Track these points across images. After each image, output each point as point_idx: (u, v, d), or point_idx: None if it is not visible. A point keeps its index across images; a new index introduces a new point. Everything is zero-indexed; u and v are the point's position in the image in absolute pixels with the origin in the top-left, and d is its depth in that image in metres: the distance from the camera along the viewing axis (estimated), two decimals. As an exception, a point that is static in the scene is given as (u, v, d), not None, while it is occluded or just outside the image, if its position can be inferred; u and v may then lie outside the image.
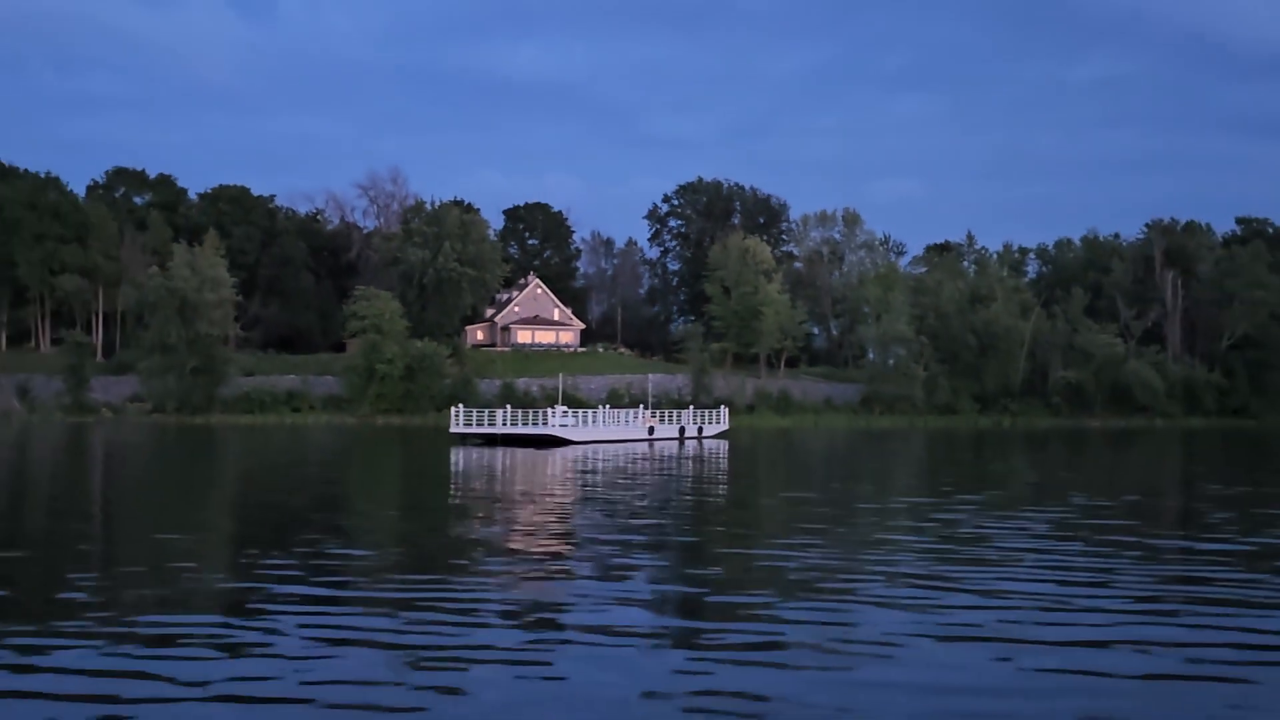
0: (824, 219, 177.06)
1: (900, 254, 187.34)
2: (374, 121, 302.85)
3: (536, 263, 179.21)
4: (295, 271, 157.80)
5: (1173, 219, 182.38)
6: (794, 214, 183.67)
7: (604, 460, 55.24)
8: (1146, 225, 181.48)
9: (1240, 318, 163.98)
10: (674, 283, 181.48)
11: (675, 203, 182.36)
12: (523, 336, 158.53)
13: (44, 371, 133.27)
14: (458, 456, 57.56)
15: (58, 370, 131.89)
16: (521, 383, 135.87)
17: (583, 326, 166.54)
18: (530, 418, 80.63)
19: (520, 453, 61.42)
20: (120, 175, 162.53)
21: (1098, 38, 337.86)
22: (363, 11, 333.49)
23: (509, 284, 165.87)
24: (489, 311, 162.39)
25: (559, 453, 61.87)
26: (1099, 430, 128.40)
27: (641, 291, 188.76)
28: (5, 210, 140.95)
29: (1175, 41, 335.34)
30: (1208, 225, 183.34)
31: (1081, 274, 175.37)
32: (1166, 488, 43.05)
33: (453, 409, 78.35)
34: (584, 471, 46.87)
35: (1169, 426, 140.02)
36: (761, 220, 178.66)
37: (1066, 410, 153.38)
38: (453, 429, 75.32)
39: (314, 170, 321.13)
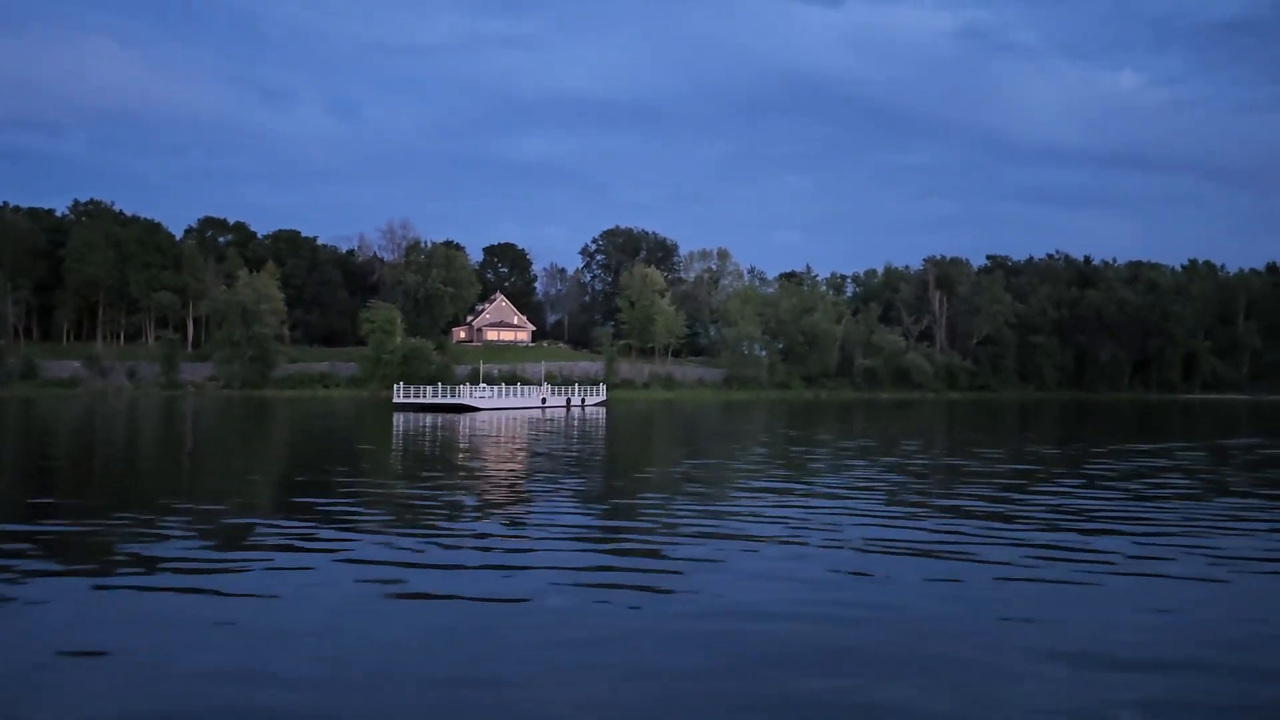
0: (704, 255, 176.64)
1: (763, 279, 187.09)
2: (426, 189, 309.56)
3: (506, 284, 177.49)
4: (332, 289, 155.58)
5: (943, 255, 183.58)
6: (683, 251, 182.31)
7: (501, 422, 54.47)
8: (924, 260, 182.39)
9: (984, 323, 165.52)
10: (599, 298, 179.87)
11: (600, 243, 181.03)
12: (490, 335, 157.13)
13: (147, 359, 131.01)
14: (398, 420, 56.77)
15: (157, 359, 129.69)
16: (485, 367, 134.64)
17: (534, 328, 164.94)
18: (454, 392, 77.61)
19: (442, 417, 60.59)
20: (209, 221, 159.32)
21: (922, 135, 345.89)
22: (419, 113, 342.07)
23: (483, 298, 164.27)
24: (469, 318, 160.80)
25: (469, 417, 60.95)
26: (887, 401, 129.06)
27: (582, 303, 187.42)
28: (124, 247, 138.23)
29: (974, 137, 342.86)
30: (967, 260, 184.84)
31: (880, 293, 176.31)
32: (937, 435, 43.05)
33: (395, 385, 76.53)
34: (479, 428, 46.27)
35: (936, 399, 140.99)
36: (659, 255, 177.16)
37: (865, 387, 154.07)
38: (395, 400, 73.73)
39: (381, 221, 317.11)
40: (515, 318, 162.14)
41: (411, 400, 74.72)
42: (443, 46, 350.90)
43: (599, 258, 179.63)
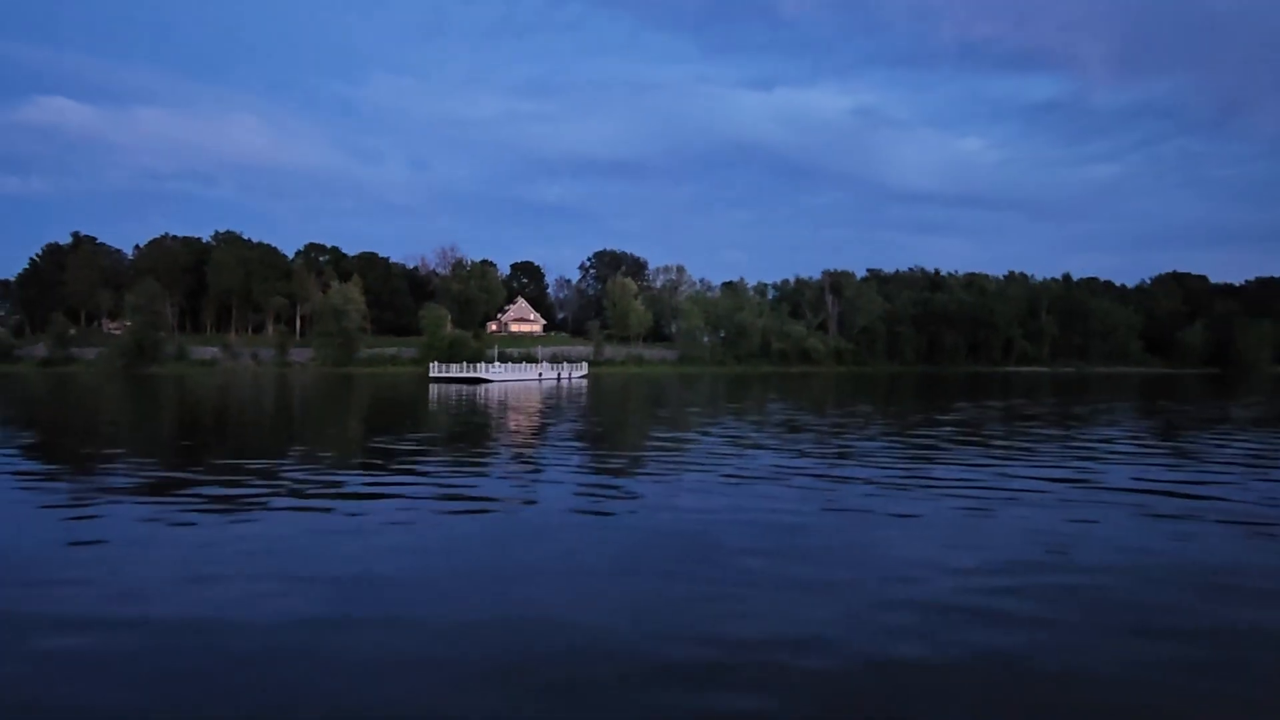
0: (667, 269, 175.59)
1: (709, 286, 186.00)
2: (476, 222, 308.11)
3: (527, 290, 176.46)
4: (401, 295, 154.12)
5: (837, 269, 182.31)
6: (651, 266, 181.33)
7: (507, 390, 54.12)
8: (823, 272, 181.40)
9: (864, 317, 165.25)
10: (592, 300, 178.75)
11: (593, 260, 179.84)
12: (514, 327, 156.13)
13: (267, 346, 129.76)
14: (433, 390, 56.41)
15: (273, 345, 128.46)
16: (511, 350, 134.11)
17: (545, 322, 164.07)
18: (473, 368, 75.73)
19: (465, 387, 60.24)
20: (313, 246, 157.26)
21: (827, 183, 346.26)
22: (473, 168, 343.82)
23: (509, 300, 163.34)
24: (499, 315, 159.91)
25: (483, 387, 60.35)
26: (795, 374, 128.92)
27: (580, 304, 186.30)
28: (249, 264, 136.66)
29: (863, 184, 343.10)
30: (852, 272, 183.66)
31: (791, 296, 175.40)
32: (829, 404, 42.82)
33: (430, 364, 74.64)
34: (491, 394, 45.97)
35: (829, 372, 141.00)
36: (634, 269, 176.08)
37: (779, 363, 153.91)
38: (430, 375, 72.65)
39: (439, 245, 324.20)
40: (531, 315, 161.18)
41: (442, 375, 73.39)
42: (490, 119, 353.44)
43: (592, 271, 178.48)
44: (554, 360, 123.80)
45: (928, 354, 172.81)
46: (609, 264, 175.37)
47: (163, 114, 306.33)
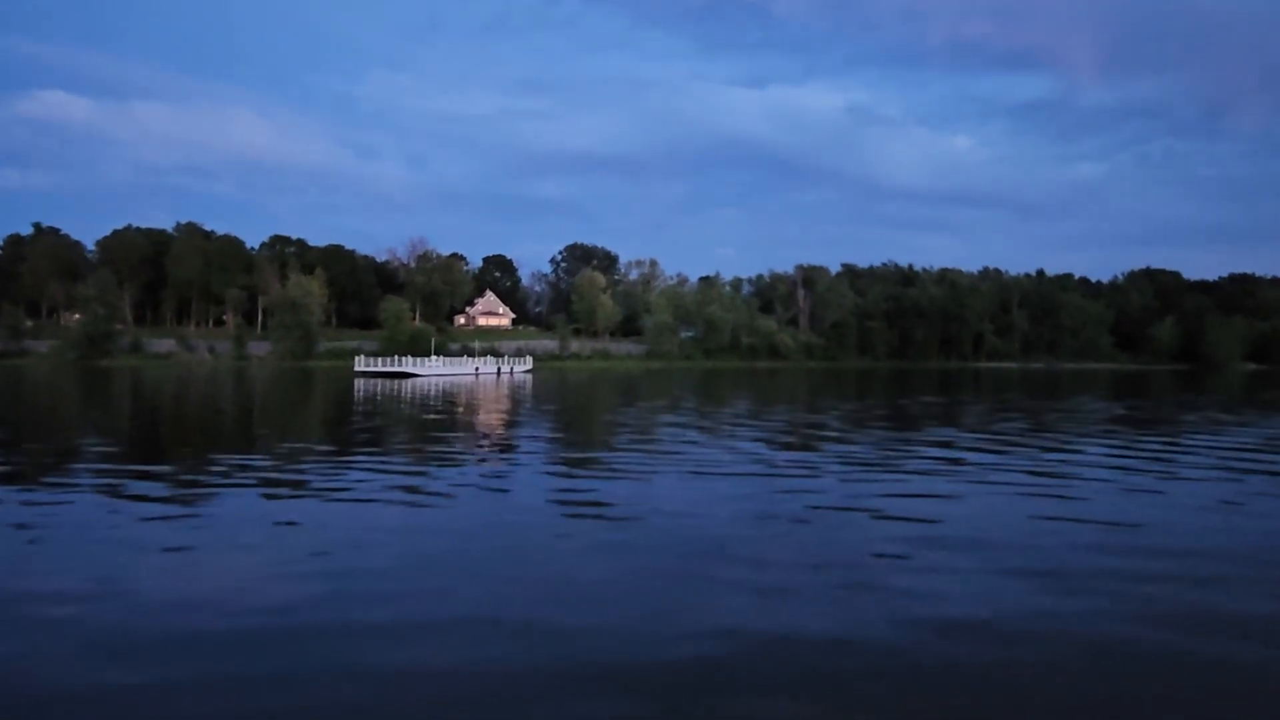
0: (639, 263, 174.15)
1: (685, 282, 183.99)
2: (473, 218, 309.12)
3: (499, 284, 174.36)
4: (366, 288, 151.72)
5: (809, 264, 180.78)
6: (624, 260, 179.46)
7: (431, 385, 52.21)
8: (795, 266, 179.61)
9: (834, 312, 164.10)
10: (563, 294, 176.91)
11: (564, 253, 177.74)
12: (481, 321, 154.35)
13: (226, 339, 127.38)
14: (359, 385, 54.38)
15: (231, 338, 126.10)
16: (476, 344, 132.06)
17: (514, 316, 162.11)
18: (398, 363, 70.45)
19: (389, 382, 58.12)
20: (277, 238, 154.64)
21: (818, 181, 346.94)
22: (470, 165, 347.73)
23: (480, 293, 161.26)
24: (468, 309, 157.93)
25: (409, 382, 58.35)
26: (763, 369, 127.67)
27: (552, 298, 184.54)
28: (210, 257, 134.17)
29: (854, 182, 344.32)
30: (826, 267, 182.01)
31: (766, 291, 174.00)
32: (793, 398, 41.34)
33: (356, 357, 70.64)
34: (410, 389, 44.12)
35: (798, 367, 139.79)
36: (606, 263, 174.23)
37: (748, 358, 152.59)
38: (355, 368, 69.23)
39: (446, 241, 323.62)
40: (500, 308, 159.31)
41: (368, 369, 68.40)
42: (487, 117, 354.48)
43: (564, 265, 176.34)
44: (518, 354, 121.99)
45: (899, 349, 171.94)
46: (580, 258, 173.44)
47: (161, 109, 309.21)
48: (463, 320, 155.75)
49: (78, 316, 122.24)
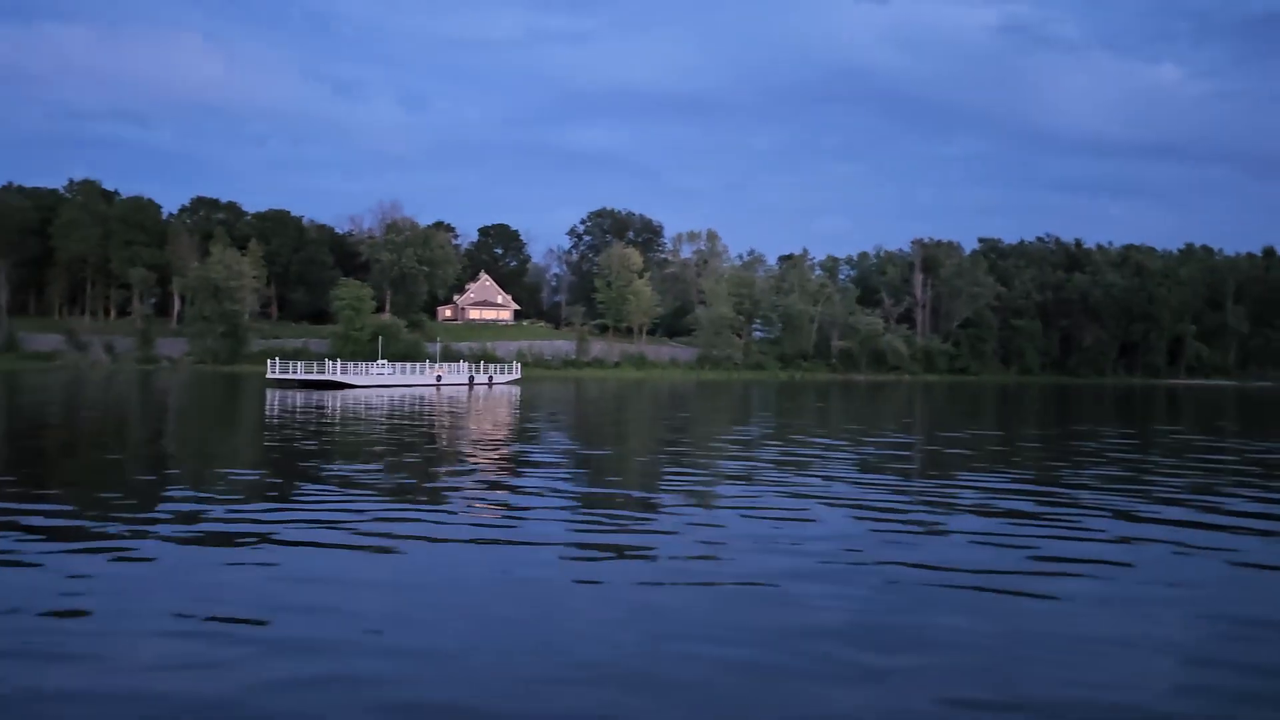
0: (693, 236, 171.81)
1: (759, 261, 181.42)
2: (493, 176, 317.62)
3: (500, 264, 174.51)
4: (318, 268, 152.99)
5: (930, 237, 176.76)
6: (670, 233, 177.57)
7: (370, 399, 51.11)
8: (912, 242, 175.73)
9: (966, 306, 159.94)
10: (583, 279, 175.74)
11: (588, 222, 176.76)
12: (473, 314, 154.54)
13: (128, 334, 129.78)
14: (271, 397, 53.49)
15: (135, 333, 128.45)
16: (462, 345, 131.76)
17: (517, 308, 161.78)
18: (320, 369, 69.74)
19: (312, 394, 56.86)
20: (201, 201, 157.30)
21: (963, 126, 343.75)
22: (487, 106, 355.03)
23: (473, 277, 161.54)
24: (456, 296, 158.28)
25: (338, 395, 56.74)
26: (863, 382, 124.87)
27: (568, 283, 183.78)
28: (107, 226, 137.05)
29: (1013, 128, 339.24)
30: (957, 243, 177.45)
31: (871, 276, 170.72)
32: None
33: (269, 360, 69.97)
34: (337, 408, 42.95)
35: (913, 381, 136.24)
36: (645, 237, 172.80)
37: (841, 369, 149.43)
38: (269, 375, 68.42)
39: (452, 208, 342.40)
40: (499, 297, 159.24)
41: (282, 376, 67.83)
42: (508, 41, 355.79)
43: (587, 238, 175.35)
44: (519, 358, 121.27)
45: (1059, 359, 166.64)
46: (611, 229, 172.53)
47: (84, 34, 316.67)
48: (449, 313, 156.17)
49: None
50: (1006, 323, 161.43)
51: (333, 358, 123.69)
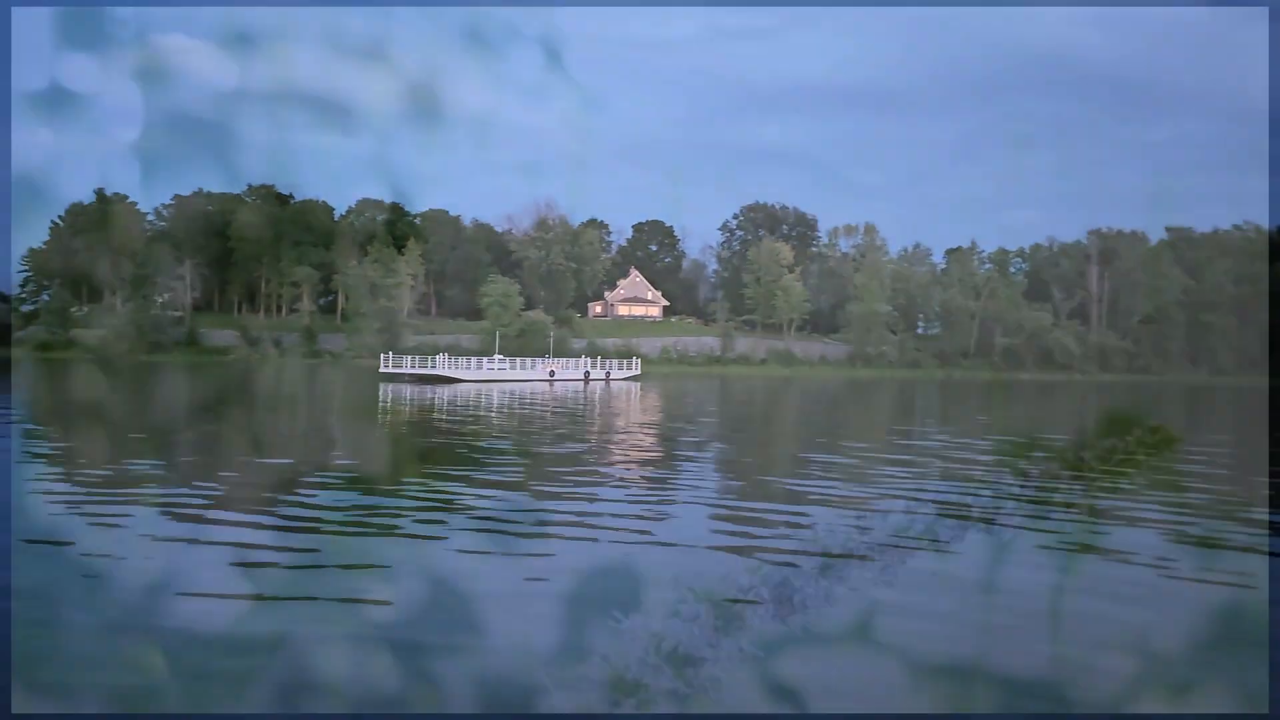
0: (849, 230, 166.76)
1: (926, 255, 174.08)
2: (672, 174, 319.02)
3: (657, 260, 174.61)
4: (474, 266, 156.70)
5: (1110, 227, 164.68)
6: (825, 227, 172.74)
7: (483, 394, 51.19)
8: (1089, 232, 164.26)
9: (1147, 300, 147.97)
10: (732, 274, 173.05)
11: (740, 218, 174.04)
12: (622, 310, 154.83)
13: (295, 330, 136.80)
14: (385, 391, 54.45)
15: (300, 330, 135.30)
16: (606, 342, 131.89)
17: (666, 304, 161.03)
18: (430, 363, 70.84)
19: (423, 388, 57.48)
20: (366, 202, 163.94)
21: (1170, 108, 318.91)
22: (665, 106, 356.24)
23: (625, 274, 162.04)
24: (607, 293, 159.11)
25: (447, 389, 57.15)
26: (1029, 382, 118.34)
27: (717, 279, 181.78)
28: (280, 228, 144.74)
29: (1228, 110, 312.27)
30: (1142, 232, 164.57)
31: (1047, 267, 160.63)
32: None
33: (382, 355, 71.48)
34: (443, 402, 43.28)
35: (1085, 381, 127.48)
36: (799, 231, 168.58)
37: (1004, 367, 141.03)
38: (381, 369, 69.72)
39: (630, 207, 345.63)
40: (649, 293, 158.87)
41: (395, 370, 69.14)
42: (686, 40, 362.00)
43: (739, 233, 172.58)
44: (664, 355, 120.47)
45: (1260, 357, 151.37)
46: (763, 223, 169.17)
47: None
48: (599, 309, 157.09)
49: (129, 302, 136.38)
50: (1195, 318, 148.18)
51: (484, 354, 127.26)
